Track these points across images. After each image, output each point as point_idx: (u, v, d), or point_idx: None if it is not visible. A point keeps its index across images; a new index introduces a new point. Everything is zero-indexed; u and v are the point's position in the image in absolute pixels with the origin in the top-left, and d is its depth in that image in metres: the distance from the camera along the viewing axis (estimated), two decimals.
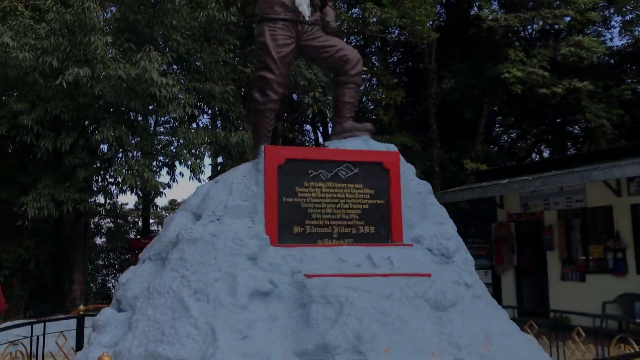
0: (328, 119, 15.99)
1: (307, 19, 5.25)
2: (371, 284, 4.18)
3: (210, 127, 11.68)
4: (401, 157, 5.16)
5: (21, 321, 6.75)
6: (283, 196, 4.57)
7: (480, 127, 19.46)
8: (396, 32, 19.25)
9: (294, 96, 13.93)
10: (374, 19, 13.64)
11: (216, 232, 4.28)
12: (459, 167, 19.22)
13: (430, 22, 18.22)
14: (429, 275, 4.38)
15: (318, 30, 5.39)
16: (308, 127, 22.48)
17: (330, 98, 11.84)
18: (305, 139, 22.62)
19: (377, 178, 4.84)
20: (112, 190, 10.29)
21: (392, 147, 5.26)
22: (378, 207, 4.78)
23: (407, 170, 5.11)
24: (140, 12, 9.56)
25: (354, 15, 14.25)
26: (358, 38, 20.02)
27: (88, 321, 5.57)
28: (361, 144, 5.23)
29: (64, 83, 8.61)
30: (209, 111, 12.25)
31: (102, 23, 9.02)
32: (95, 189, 9.90)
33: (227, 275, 3.98)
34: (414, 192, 5.01)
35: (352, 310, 3.86)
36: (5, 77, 9.16)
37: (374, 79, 19.71)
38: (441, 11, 21.67)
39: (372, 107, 21.43)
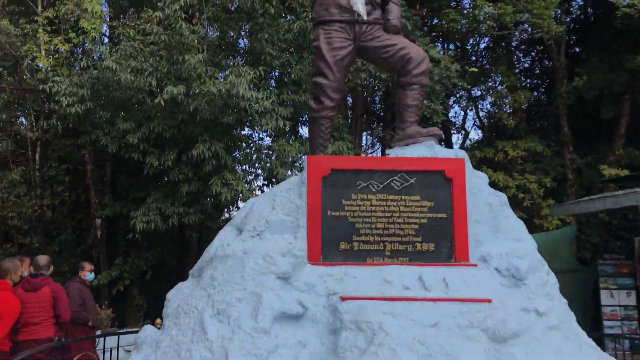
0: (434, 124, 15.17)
1: (364, 18, 4.86)
2: (416, 310, 3.66)
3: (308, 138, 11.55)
4: (468, 164, 4.54)
5: (135, 329, 7.06)
6: (328, 210, 4.21)
7: (621, 127, 17.33)
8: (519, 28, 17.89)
9: None
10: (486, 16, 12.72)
11: (249, 248, 4.03)
12: (596, 174, 17.27)
13: (557, 13, 16.84)
14: (490, 300, 3.75)
15: (378, 30, 4.97)
16: None
17: (435, 103, 11.21)
18: None
19: (438, 188, 4.30)
20: (211, 203, 10.52)
21: (462, 154, 4.65)
22: (439, 221, 4.24)
23: (475, 179, 4.49)
24: (236, 28, 9.75)
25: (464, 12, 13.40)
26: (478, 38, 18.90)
27: None
28: (425, 150, 4.70)
29: (162, 102, 8.98)
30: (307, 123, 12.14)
31: (195, 41, 9.29)
32: (198, 202, 10.20)
33: (252, 296, 3.69)
34: (484, 204, 4.37)
35: (386, 339, 3.38)
36: (113, 99, 9.81)
37: (497, 78, 18.42)
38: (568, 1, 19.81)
39: (496, 110, 20.13)
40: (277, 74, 10.97)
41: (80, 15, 9.90)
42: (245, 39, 10.76)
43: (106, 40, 11.46)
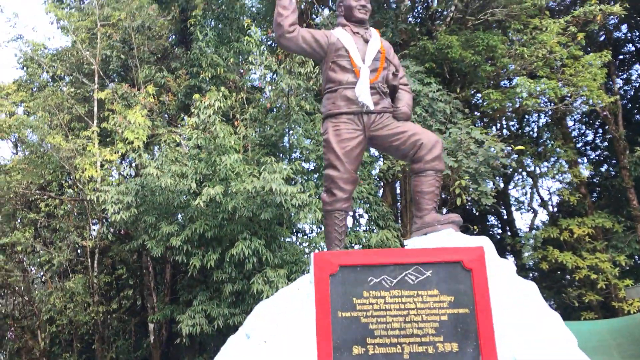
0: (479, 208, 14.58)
1: (371, 108, 4.78)
2: None
3: (353, 228, 11.36)
4: (492, 250, 4.18)
5: None
6: (338, 310, 3.90)
7: None
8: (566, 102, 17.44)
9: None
10: (525, 94, 12.48)
11: (256, 357, 3.75)
12: None
13: (608, 83, 16.36)
14: None
15: (388, 118, 4.87)
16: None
17: (482, 185, 10.82)
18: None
19: (457, 281, 3.93)
20: (254, 303, 10.29)
21: (484, 240, 4.30)
22: (461, 318, 3.84)
23: (499, 268, 4.10)
24: (271, 124, 9.99)
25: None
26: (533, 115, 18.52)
27: None
28: (444, 239, 4.39)
29: (202, 203, 9.13)
30: (351, 213, 12.00)
31: (232, 142, 9.54)
32: (243, 302, 10.02)
33: None
34: (512, 296, 3.96)
35: None
36: (156, 204, 10.08)
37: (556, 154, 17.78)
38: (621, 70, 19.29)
39: (558, 187, 19.31)
40: (313, 166, 11.02)
41: (126, 127, 10.47)
42: (284, 135, 10.99)
43: (149, 147, 12.05)
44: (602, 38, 17.13)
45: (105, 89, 13.21)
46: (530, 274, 17.95)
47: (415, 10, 17.11)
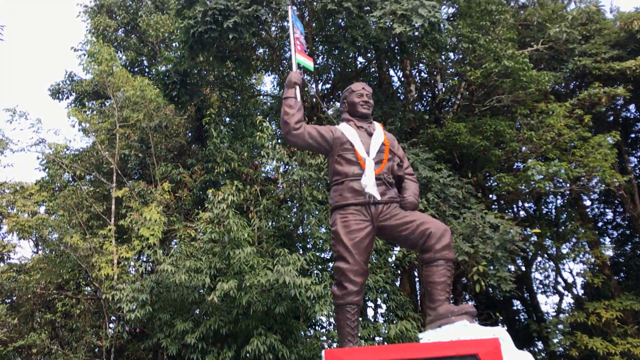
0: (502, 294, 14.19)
1: (377, 199, 4.83)
2: None
3: (371, 320, 11.09)
4: (509, 341, 4.05)
5: None
6: None
7: None
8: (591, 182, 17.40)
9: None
10: (541, 176, 12.52)
11: None
12: None
13: (621, 162, 16.38)
14: None
15: (395, 208, 4.90)
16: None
17: (500, 270, 10.63)
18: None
19: None
20: None
21: (500, 331, 4.18)
22: None
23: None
24: (284, 215, 10.06)
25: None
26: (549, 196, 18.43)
27: None
28: (459, 331, 4.27)
29: (215, 298, 9.05)
30: (370, 304, 11.77)
31: (246, 235, 9.60)
32: None
33: None
34: None
35: None
36: (171, 301, 10.01)
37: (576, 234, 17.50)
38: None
39: (582, 269, 18.83)
40: (329, 255, 10.96)
41: (142, 224, 10.62)
42: (298, 226, 11.04)
43: (165, 242, 12.17)
44: (610, 118, 17.35)
45: (123, 186, 13.54)
46: None
47: (423, 99, 17.62)
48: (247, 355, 9.36)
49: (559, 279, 19.01)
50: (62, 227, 13.64)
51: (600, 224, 20.14)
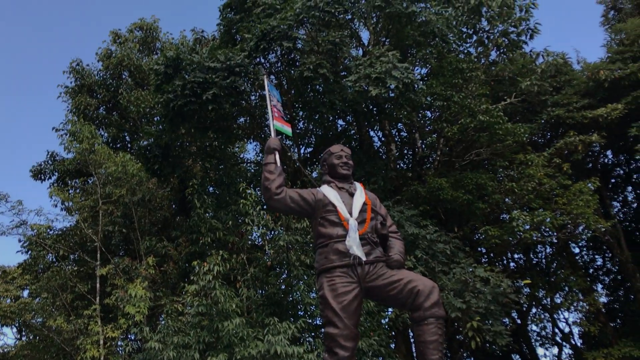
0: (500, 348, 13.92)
1: (363, 259, 4.78)
2: None
3: None
4: None
5: None
6: None
7: None
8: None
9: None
10: (527, 226, 12.57)
11: None
12: None
13: (604, 209, 16.54)
14: None
15: (382, 268, 4.82)
16: None
17: (494, 324, 10.47)
18: None
19: None
20: None
21: None
22: None
23: None
24: (272, 282, 9.88)
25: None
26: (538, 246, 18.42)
27: None
28: None
29: None
30: None
31: (234, 306, 9.39)
32: None
33: None
34: None
35: None
36: None
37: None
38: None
39: (577, 317, 18.61)
40: (320, 322, 10.71)
41: (127, 301, 10.37)
42: (287, 292, 10.85)
43: (152, 318, 11.85)
44: (589, 165, 17.66)
45: (107, 264, 13.32)
46: None
47: (404, 157, 17.85)
48: None
49: (556, 330, 18.76)
50: (46, 310, 13.30)
51: (591, 270, 20.10)
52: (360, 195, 5.17)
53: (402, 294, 4.64)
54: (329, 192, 5.11)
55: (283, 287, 10.75)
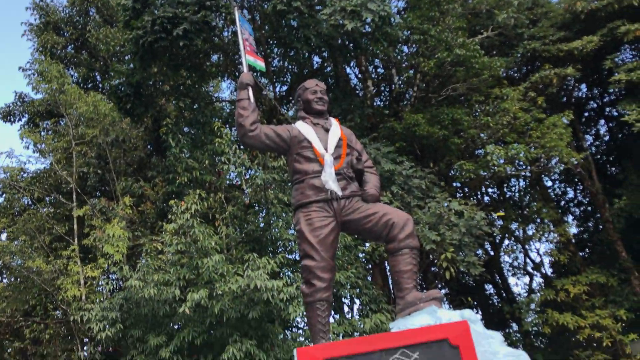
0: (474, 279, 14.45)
1: (339, 194, 4.82)
2: None
3: (347, 316, 11.10)
4: (478, 323, 4.09)
5: None
6: None
7: None
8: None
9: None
10: (501, 160, 12.76)
11: None
12: None
13: (577, 142, 16.82)
14: None
15: (357, 202, 4.89)
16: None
17: (468, 255, 10.78)
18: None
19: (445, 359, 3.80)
20: None
21: (469, 314, 4.21)
22: None
23: (487, 341, 3.99)
24: (251, 220, 9.99)
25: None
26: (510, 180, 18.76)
27: None
28: (428, 317, 4.29)
29: (187, 310, 8.92)
30: (345, 300, 11.79)
31: (213, 243, 9.50)
32: None
33: None
34: None
35: None
36: (140, 316, 9.83)
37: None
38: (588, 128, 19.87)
39: (548, 248, 19.29)
40: (299, 257, 10.91)
41: (105, 241, 10.41)
42: (266, 230, 10.97)
43: (132, 259, 11.95)
44: (563, 99, 17.79)
45: (84, 205, 13.24)
46: (536, 341, 17.51)
47: (381, 94, 17.75)
48: None
49: (527, 260, 19.43)
50: (24, 252, 13.27)
51: (562, 202, 20.66)
52: (336, 130, 5.17)
53: (378, 226, 4.73)
54: (304, 128, 5.09)
55: (262, 225, 10.85)
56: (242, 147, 11.89)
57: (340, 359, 3.86)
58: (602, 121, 19.87)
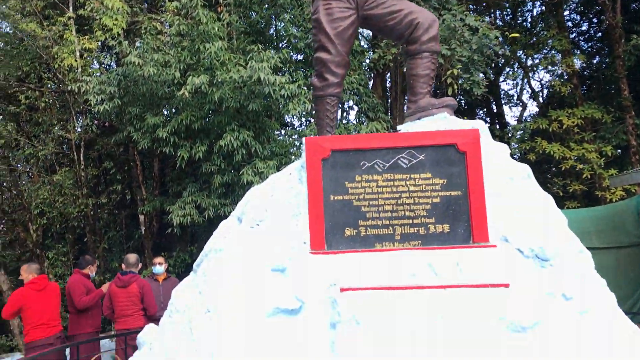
0: (469, 100, 14.40)
1: None
2: (425, 299, 3.28)
3: (342, 121, 11.19)
4: (486, 134, 4.10)
5: None
6: (330, 194, 3.86)
7: None
8: None
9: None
10: None
11: (245, 239, 3.75)
12: None
13: None
14: (507, 285, 3.33)
15: None
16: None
17: (474, 74, 10.59)
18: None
19: (451, 164, 3.85)
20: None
21: (479, 124, 4.20)
22: (453, 200, 3.81)
23: (493, 150, 4.03)
24: (256, 10, 9.47)
25: None
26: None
27: None
28: (439, 123, 4.28)
29: (187, 93, 8.85)
30: (346, 104, 11.77)
31: (216, 29, 9.09)
32: (233, 193, 10.02)
33: (245, 290, 3.41)
34: (504, 178, 3.92)
35: (384, 332, 3.04)
36: (138, 94, 9.75)
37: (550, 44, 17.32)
38: None
39: (550, 79, 19.04)
40: (302, 56, 10.61)
41: (104, 13, 9.90)
42: (271, 23, 10.49)
43: (129, 36, 11.47)
44: None
45: None
46: None
47: None
48: (220, 150, 9.45)
49: (526, 89, 19.32)
50: (15, 18, 12.67)
51: (573, 34, 19.92)
52: None
53: (401, 25, 4.47)
54: None
55: (266, 17, 10.30)
56: None
57: (347, 151, 3.90)
58: None
